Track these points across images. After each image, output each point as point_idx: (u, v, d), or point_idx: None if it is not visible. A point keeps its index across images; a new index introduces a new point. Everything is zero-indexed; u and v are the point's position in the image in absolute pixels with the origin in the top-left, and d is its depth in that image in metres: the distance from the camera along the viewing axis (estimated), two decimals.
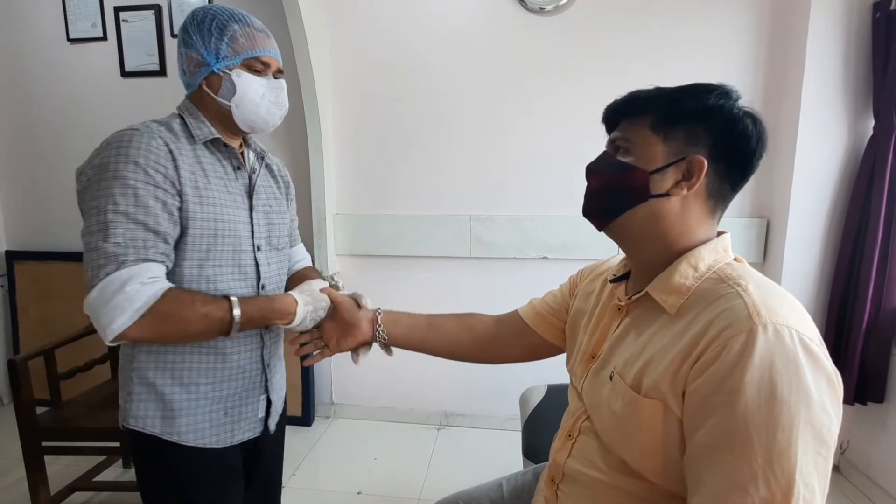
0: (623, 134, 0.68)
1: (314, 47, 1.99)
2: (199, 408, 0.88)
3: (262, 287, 0.94)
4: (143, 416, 0.86)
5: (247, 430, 0.95)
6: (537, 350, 0.97)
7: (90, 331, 1.79)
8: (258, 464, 1.03)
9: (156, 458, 0.89)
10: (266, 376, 0.97)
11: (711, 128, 0.63)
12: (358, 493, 1.85)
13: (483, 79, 2.07)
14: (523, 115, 2.08)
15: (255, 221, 0.93)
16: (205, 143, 0.88)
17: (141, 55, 2.31)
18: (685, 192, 0.63)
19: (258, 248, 0.93)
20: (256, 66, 0.88)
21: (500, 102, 2.08)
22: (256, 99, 0.88)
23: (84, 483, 1.74)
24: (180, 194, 0.81)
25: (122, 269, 0.74)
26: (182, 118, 0.89)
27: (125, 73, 2.33)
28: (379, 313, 1.01)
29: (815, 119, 1.81)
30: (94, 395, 1.76)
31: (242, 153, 0.97)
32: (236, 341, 0.90)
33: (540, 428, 1.40)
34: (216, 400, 0.90)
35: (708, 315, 0.57)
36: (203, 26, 0.85)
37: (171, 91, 2.30)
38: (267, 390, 0.97)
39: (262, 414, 0.97)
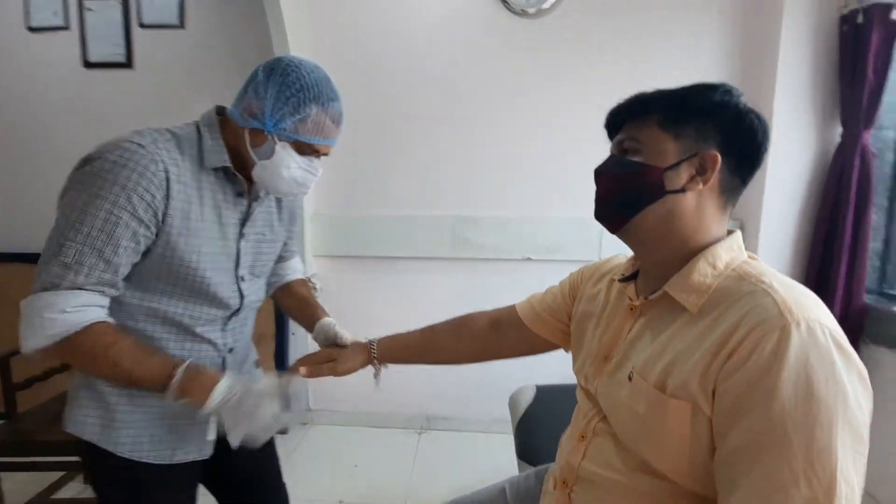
0: (630, 134, 0.68)
1: (295, 49, 1.94)
2: (142, 421, 0.84)
3: (238, 311, 0.91)
4: (81, 422, 0.83)
5: (191, 452, 0.89)
6: (535, 346, 0.96)
7: None
8: (231, 480, 1.03)
9: (98, 462, 0.85)
10: None
11: (720, 123, 0.64)
12: (339, 503, 1.79)
13: (465, 80, 2.07)
14: (507, 117, 2.08)
15: (241, 251, 0.89)
16: (213, 169, 0.84)
17: (106, 45, 2.19)
18: (701, 186, 0.64)
19: (241, 279, 0.90)
20: (306, 150, 0.85)
21: (482, 103, 2.08)
22: (284, 174, 0.84)
23: (42, 501, 1.63)
24: (161, 225, 0.76)
25: (51, 291, 0.71)
26: (199, 134, 0.84)
27: (88, 65, 2.21)
28: (373, 344, 1.01)
29: (786, 127, 1.89)
30: (53, 406, 1.65)
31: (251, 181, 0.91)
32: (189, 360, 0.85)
33: (533, 429, 1.39)
34: (161, 416, 0.85)
35: (735, 313, 0.57)
36: (283, 92, 0.80)
37: (137, 84, 2.20)
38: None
39: (211, 436, 0.90)
